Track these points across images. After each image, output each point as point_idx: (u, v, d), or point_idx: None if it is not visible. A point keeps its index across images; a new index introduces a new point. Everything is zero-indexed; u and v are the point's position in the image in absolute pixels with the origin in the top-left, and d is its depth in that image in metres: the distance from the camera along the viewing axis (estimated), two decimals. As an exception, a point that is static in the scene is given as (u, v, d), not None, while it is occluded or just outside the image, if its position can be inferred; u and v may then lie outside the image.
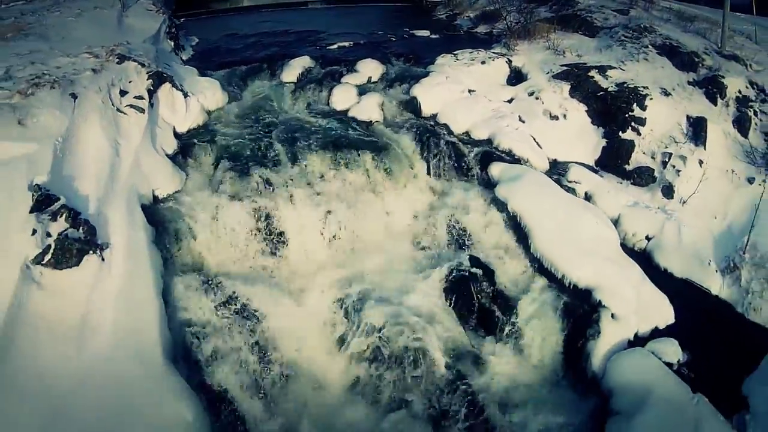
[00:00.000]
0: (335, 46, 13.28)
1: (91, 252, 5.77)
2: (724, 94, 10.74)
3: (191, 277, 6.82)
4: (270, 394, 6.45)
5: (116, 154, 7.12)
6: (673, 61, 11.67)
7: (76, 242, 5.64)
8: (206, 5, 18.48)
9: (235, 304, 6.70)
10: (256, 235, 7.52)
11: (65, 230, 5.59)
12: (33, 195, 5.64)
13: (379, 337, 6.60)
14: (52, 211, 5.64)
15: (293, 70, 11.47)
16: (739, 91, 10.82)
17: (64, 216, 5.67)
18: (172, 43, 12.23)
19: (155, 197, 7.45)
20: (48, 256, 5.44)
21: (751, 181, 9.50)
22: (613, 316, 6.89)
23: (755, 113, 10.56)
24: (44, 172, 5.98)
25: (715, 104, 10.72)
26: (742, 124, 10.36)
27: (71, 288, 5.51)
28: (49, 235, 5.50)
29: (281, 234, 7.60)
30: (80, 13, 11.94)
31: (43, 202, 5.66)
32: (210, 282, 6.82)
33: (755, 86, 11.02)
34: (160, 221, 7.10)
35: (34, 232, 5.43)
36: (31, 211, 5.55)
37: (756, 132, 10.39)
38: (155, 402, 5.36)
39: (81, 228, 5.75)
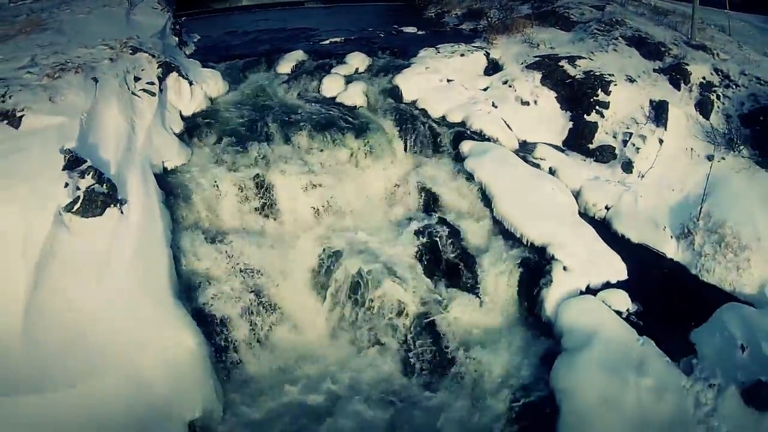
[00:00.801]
0: (327, 42, 14.65)
1: (112, 205, 7.09)
2: (688, 80, 11.88)
3: (196, 233, 8.15)
4: (261, 332, 7.72)
5: (132, 130, 8.46)
6: (641, 51, 12.91)
7: (101, 196, 6.95)
8: (206, 4, 19.94)
9: (233, 255, 8.02)
10: (252, 199, 8.85)
11: (92, 186, 6.91)
12: (65, 156, 6.97)
13: (355, 283, 7.86)
14: (81, 170, 6.97)
15: (288, 62, 12.83)
16: (704, 78, 11.94)
17: (90, 174, 6.99)
18: (177, 39, 13.61)
19: (165, 168, 8.78)
20: (77, 206, 6.75)
21: (710, 158, 10.52)
22: (565, 268, 8.10)
23: (718, 97, 11.63)
24: (73, 140, 7.31)
25: (679, 89, 11.87)
26: (704, 107, 11.48)
27: (95, 233, 6.82)
28: (78, 188, 6.81)
29: (274, 199, 8.92)
30: (90, 10, 13.33)
31: (73, 162, 7.00)
32: (211, 237, 8.14)
33: (720, 73, 12.14)
34: (170, 187, 8.43)
35: (66, 185, 6.75)
36: (63, 169, 6.88)
37: (718, 114, 11.45)
38: (164, 330, 6.65)
39: (105, 185, 7.07)
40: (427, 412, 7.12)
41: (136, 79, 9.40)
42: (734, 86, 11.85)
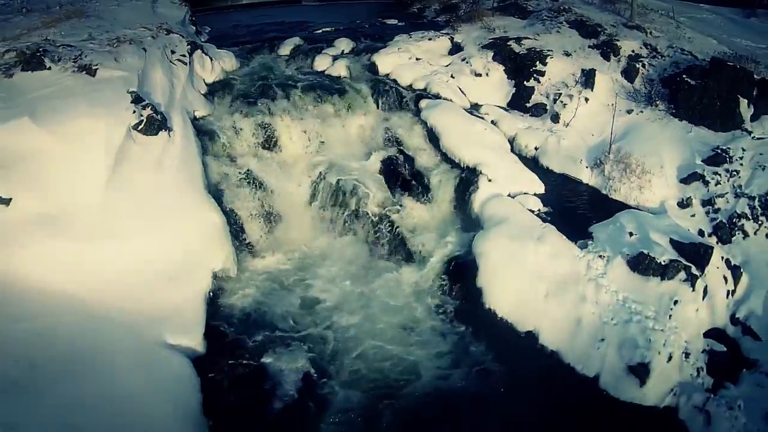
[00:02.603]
0: (320, 31, 18.79)
1: (164, 130, 10.98)
2: (618, 53, 15.76)
3: (219, 159, 12.04)
4: (265, 225, 11.48)
5: (172, 86, 12.42)
6: (580, 32, 16.88)
7: (156, 122, 10.85)
8: (209, 2, 24.18)
9: (246, 174, 11.90)
10: (260, 137, 12.76)
11: (151, 114, 10.82)
12: (131, 95, 10.89)
13: (335, 189, 11.66)
14: (143, 104, 10.89)
15: (287, 46, 16.92)
16: (633, 51, 15.80)
17: (149, 108, 10.90)
18: (194, 28, 17.74)
19: (195, 117, 12.69)
20: (141, 126, 10.66)
21: (629, 112, 14.27)
22: (489, 180, 11.87)
23: (643, 66, 15.45)
24: (134, 86, 11.25)
25: (608, 60, 15.76)
26: (629, 73, 15.30)
27: (152, 145, 10.71)
28: (141, 115, 10.71)
29: (276, 137, 12.83)
30: (119, 3, 17.30)
31: (137, 99, 10.93)
32: (231, 161, 12.03)
33: (649, 47, 16.02)
34: (199, 128, 12.35)
35: (134, 112, 10.65)
36: (131, 102, 10.80)
37: (642, 79, 15.24)
38: (198, 208, 10.52)
39: (159, 116, 10.98)
40: (385, 274, 10.87)
41: (172, 52, 13.46)
42: (660, 56, 15.75)
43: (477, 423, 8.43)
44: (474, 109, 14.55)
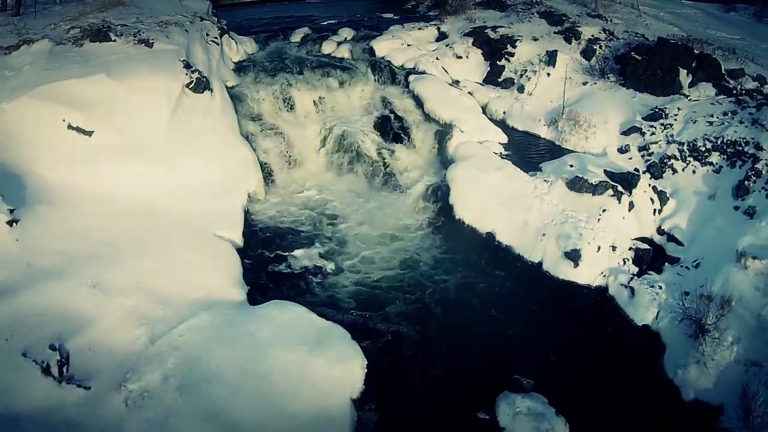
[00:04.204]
0: (325, 23, 23.21)
1: (207, 90, 15.17)
2: (579, 37, 20.00)
3: (248, 117, 16.16)
4: (285, 166, 15.54)
5: (209, 60, 16.63)
6: (548, 21, 21.15)
7: (202, 83, 15.05)
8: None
9: (270, 127, 16.04)
10: (280, 102, 16.96)
11: (198, 77, 15.00)
12: (182, 62, 15.03)
13: (340, 139, 15.75)
14: (192, 69, 15.05)
15: (298, 35, 21.30)
16: (592, 35, 20.05)
17: (197, 72, 15.09)
18: (216, 19, 21.98)
19: (226, 86, 16.77)
20: (192, 85, 14.84)
21: (585, 84, 18.38)
22: (461, 131, 15.94)
23: (600, 47, 19.65)
24: (183, 56, 15.41)
25: (570, 43, 19.97)
26: (587, 53, 19.49)
27: (199, 100, 14.88)
28: (191, 77, 14.86)
29: (293, 102, 17.08)
30: (150, -4, 21.60)
31: (187, 65, 15.11)
32: (258, 119, 16.19)
33: (607, 32, 20.29)
34: (231, 94, 16.51)
35: (186, 74, 14.80)
36: (183, 68, 14.87)
37: (598, 58, 19.44)
38: (236, 146, 14.72)
39: (204, 79, 15.14)
40: (380, 199, 14.97)
41: (207, 34, 17.72)
42: (616, 39, 20.02)
43: (444, 292, 12.25)
44: (454, 84, 18.73)
